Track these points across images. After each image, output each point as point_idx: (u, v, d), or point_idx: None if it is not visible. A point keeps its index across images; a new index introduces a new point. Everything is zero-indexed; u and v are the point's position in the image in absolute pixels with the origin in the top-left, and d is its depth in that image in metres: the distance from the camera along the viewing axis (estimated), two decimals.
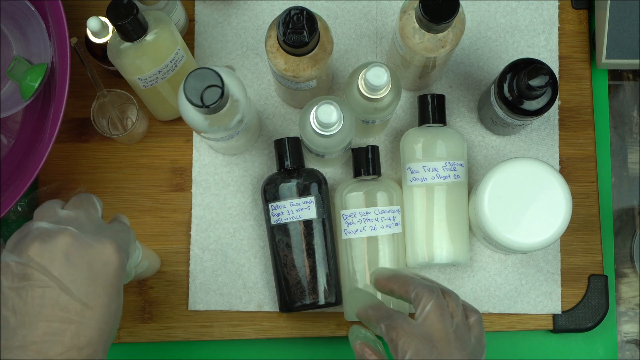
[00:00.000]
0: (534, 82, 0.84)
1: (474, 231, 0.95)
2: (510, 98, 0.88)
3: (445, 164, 0.92)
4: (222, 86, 0.78)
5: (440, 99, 0.94)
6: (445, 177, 0.92)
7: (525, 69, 0.85)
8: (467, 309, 0.80)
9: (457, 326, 0.77)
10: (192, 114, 0.82)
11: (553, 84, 0.87)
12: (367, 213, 0.92)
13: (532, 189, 0.87)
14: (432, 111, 0.94)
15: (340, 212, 0.93)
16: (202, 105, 0.78)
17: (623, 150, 1.02)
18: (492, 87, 0.91)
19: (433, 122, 0.94)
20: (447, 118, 0.99)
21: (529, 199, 0.87)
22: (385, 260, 0.92)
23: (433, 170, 0.92)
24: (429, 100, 0.94)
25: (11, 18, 0.93)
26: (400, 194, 0.94)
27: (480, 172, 0.99)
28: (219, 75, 0.79)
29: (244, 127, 0.88)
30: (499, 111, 0.90)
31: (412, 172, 0.93)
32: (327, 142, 0.86)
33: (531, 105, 0.88)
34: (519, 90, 0.87)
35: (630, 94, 1.03)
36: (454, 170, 0.92)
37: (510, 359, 1.00)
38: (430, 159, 0.92)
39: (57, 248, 0.67)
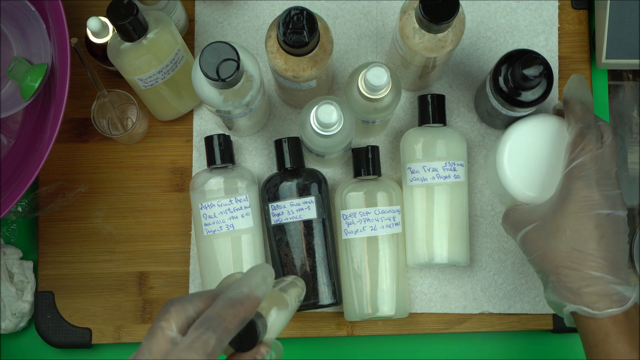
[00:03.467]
0: (529, 72, 0.84)
1: (495, 194, 0.96)
2: (505, 90, 0.88)
3: (445, 164, 0.92)
4: (238, 59, 0.79)
5: (440, 99, 0.94)
6: (446, 177, 0.92)
7: (519, 60, 0.85)
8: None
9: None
10: (206, 89, 0.83)
11: (548, 74, 0.87)
12: (367, 213, 0.92)
13: (551, 146, 0.88)
14: (432, 111, 0.94)
15: (340, 212, 0.93)
16: (218, 79, 0.78)
17: (623, 150, 1.02)
18: (488, 79, 0.91)
19: (433, 122, 0.94)
20: (447, 118, 0.99)
21: (548, 156, 0.88)
22: (385, 260, 0.92)
23: (433, 170, 0.92)
24: (429, 100, 0.94)
25: (11, 18, 0.93)
26: (400, 194, 0.94)
27: (480, 172, 0.99)
28: (235, 49, 0.79)
29: (257, 105, 0.88)
30: (495, 103, 0.90)
31: (412, 172, 0.93)
32: (327, 142, 0.86)
33: (527, 96, 0.88)
34: (514, 81, 0.87)
35: (630, 94, 1.03)
36: (454, 170, 0.92)
37: (510, 359, 1.00)
38: (430, 159, 0.92)
39: None
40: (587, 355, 0.80)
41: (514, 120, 0.92)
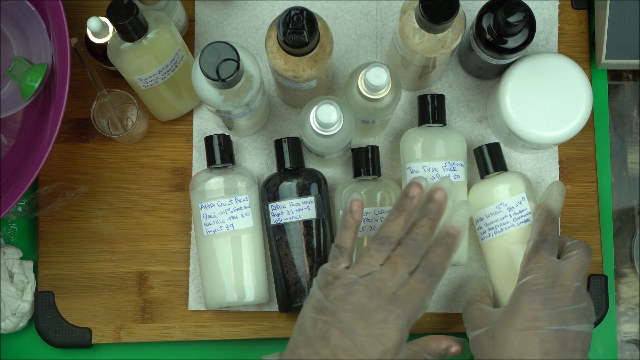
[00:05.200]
0: (513, 19, 0.85)
1: (502, 141, 0.97)
2: (491, 40, 0.89)
3: (445, 164, 0.92)
4: (238, 59, 0.79)
5: (440, 99, 0.94)
6: None
7: (500, 8, 0.86)
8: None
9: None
10: (206, 89, 0.83)
11: (529, 15, 0.88)
12: (367, 213, 0.92)
13: (550, 82, 0.90)
14: (432, 111, 0.94)
15: (340, 212, 0.93)
16: (218, 79, 0.79)
17: (623, 150, 1.02)
18: (471, 34, 0.91)
19: (433, 122, 0.94)
20: (447, 118, 0.99)
21: (550, 92, 0.90)
22: None
23: (433, 170, 0.92)
24: (429, 100, 0.94)
25: (11, 18, 0.93)
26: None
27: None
28: (235, 49, 0.79)
29: (257, 105, 0.88)
30: (484, 56, 0.91)
31: (412, 172, 0.93)
32: (327, 142, 0.86)
33: (514, 41, 0.90)
34: (499, 29, 0.88)
35: (630, 94, 1.03)
36: (454, 170, 0.92)
37: None
38: (430, 159, 0.92)
39: (351, 301, 0.77)
40: None
41: (504, 68, 0.93)
